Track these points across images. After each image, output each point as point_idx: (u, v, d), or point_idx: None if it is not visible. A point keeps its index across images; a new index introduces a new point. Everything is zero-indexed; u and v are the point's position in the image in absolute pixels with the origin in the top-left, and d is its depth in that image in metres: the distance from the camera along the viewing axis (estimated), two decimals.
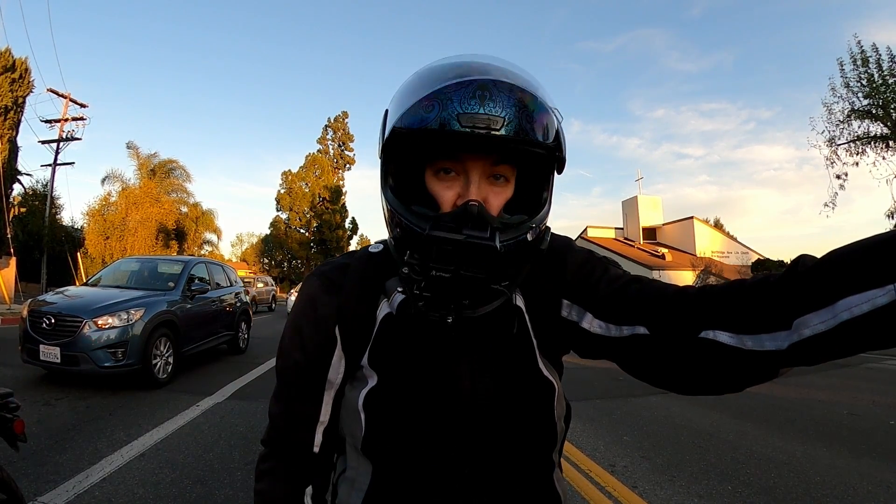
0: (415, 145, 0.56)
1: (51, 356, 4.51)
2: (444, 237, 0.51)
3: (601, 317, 0.58)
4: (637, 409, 4.53)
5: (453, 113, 0.51)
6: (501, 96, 0.52)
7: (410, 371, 0.59)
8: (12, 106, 17.43)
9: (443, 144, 0.55)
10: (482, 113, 0.51)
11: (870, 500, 2.64)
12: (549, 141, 0.54)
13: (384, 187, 0.60)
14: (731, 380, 0.49)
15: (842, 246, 0.42)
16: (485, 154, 0.55)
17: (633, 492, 2.72)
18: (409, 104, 0.54)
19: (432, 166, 0.58)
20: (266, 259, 40.64)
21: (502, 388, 0.59)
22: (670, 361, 0.52)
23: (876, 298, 0.37)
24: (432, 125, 0.52)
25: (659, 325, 0.52)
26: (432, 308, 0.56)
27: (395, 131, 0.55)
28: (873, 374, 6.72)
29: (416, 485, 0.58)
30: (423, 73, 0.58)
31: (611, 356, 0.59)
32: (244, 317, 7.67)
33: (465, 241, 0.51)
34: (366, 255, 0.67)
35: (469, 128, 0.51)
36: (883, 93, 13.04)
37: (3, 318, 10.16)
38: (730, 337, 0.46)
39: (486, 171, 0.57)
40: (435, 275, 0.52)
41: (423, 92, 0.54)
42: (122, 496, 2.47)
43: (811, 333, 0.41)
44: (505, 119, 0.51)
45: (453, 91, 0.52)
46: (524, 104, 0.52)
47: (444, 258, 0.52)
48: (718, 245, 25.82)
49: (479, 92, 0.51)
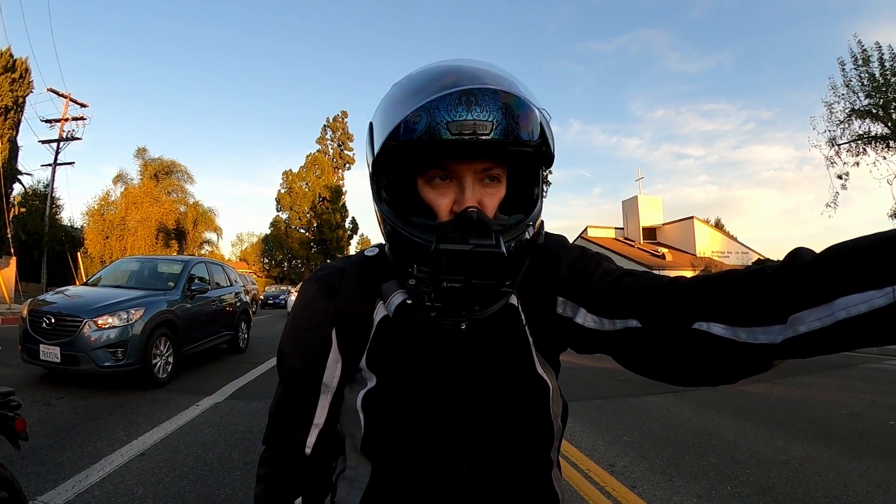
0: (406, 157, 0.57)
1: (51, 356, 4.51)
2: (453, 249, 0.52)
3: (594, 311, 0.59)
4: (636, 409, 4.53)
5: (442, 122, 0.52)
6: (486, 100, 0.52)
7: (408, 372, 0.60)
8: (12, 106, 17.44)
9: (434, 154, 0.55)
10: (469, 119, 0.51)
11: (869, 500, 2.64)
12: (536, 139, 0.55)
13: (378, 201, 0.60)
14: (724, 371, 0.49)
15: (842, 242, 0.41)
16: (477, 158, 0.56)
17: (633, 492, 2.72)
18: (397, 117, 0.55)
19: (424, 175, 0.58)
20: (266, 259, 40.61)
21: (500, 388, 0.60)
22: (664, 353, 0.52)
23: (875, 300, 0.37)
24: (423, 136, 0.52)
25: (651, 318, 0.53)
26: (445, 316, 0.56)
27: (385, 146, 0.56)
28: (873, 374, 6.71)
29: (414, 483, 0.59)
30: (405, 84, 0.58)
31: (605, 350, 0.59)
32: (244, 316, 7.67)
33: (474, 250, 0.51)
34: (362, 259, 0.68)
35: (458, 135, 0.51)
36: (884, 92, 13.02)
37: (3, 317, 10.16)
38: (724, 329, 0.46)
39: (479, 175, 0.57)
40: (446, 286, 0.53)
41: (410, 103, 0.54)
42: (121, 495, 2.47)
43: (807, 330, 0.41)
44: (493, 122, 0.52)
45: (439, 100, 0.52)
46: (509, 106, 0.53)
47: (454, 269, 0.52)
48: (718, 245, 25.80)
49: (465, 98, 0.52)
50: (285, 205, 37.01)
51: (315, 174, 37.07)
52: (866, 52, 13.34)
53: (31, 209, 20.58)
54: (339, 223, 37.07)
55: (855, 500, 2.63)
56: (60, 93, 19.24)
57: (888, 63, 13.03)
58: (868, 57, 13.32)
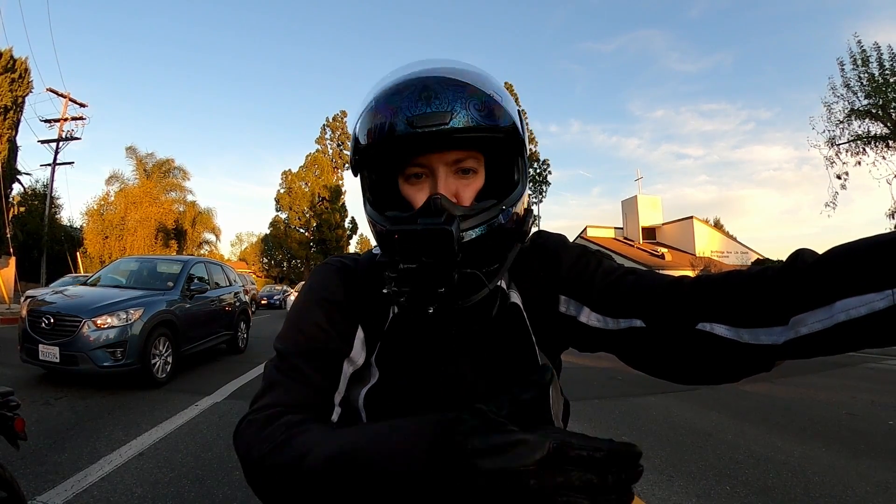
0: (379, 157, 0.59)
1: (50, 356, 4.51)
2: (402, 229, 0.53)
3: (598, 310, 0.59)
4: (635, 409, 4.53)
5: (402, 118, 0.53)
6: (445, 92, 0.53)
7: (413, 369, 0.60)
8: (12, 105, 17.44)
9: (402, 150, 0.56)
10: (430, 111, 0.53)
11: (868, 500, 2.64)
12: (505, 125, 0.56)
13: (364, 202, 0.62)
14: (727, 371, 0.50)
15: (842, 244, 0.42)
16: (445, 149, 0.56)
17: None
18: (363, 119, 0.57)
19: (403, 174, 0.59)
20: (265, 259, 40.60)
21: (503, 387, 0.59)
22: (667, 353, 0.52)
23: (874, 302, 0.37)
24: (386, 134, 0.54)
25: (654, 318, 0.53)
26: (413, 302, 0.56)
27: (356, 149, 0.58)
28: (873, 374, 6.71)
29: None
30: (373, 88, 0.60)
31: (609, 349, 0.59)
32: (243, 316, 7.67)
33: (421, 229, 0.52)
34: (370, 256, 0.68)
35: (422, 127, 0.52)
36: (883, 92, 13.02)
37: (3, 317, 10.15)
38: (727, 330, 0.47)
39: (452, 167, 0.58)
40: (403, 267, 0.54)
41: (373, 104, 0.56)
42: (120, 495, 2.47)
43: (808, 332, 0.41)
44: (452, 112, 0.53)
45: (399, 98, 0.54)
46: (469, 95, 0.54)
47: (406, 250, 0.53)
48: (718, 245, 25.82)
49: (424, 93, 0.53)
50: (284, 205, 37.01)
51: (314, 174, 37.06)
52: (865, 53, 13.36)
53: (30, 209, 20.58)
54: (338, 223, 37.07)
55: (854, 500, 2.63)
56: (60, 93, 19.26)
57: (888, 63, 13.04)
58: (867, 57, 13.33)
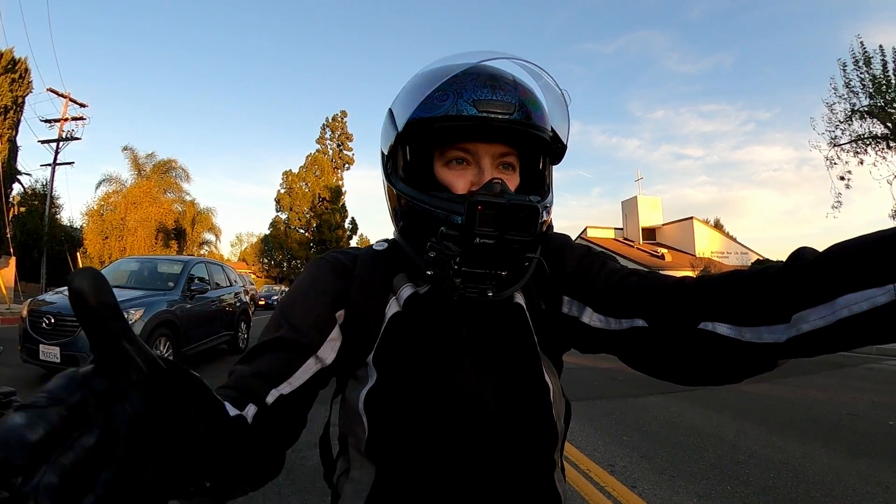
0: (429, 136, 0.57)
1: (50, 356, 4.51)
2: (490, 201, 0.50)
3: (601, 311, 0.59)
4: (636, 409, 4.53)
5: (469, 100, 0.53)
6: (508, 87, 0.54)
7: (415, 371, 0.58)
8: (12, 105, 17.43)
9: (459, 132, 0.56)
10: (495, 99, 0.53)
11: (868, 500, 2.64)
12: (551, 130, 0.57)
13: (394, 179, 0.60)
14: (730, 371, 0.49)
15: (843, 241, 0.42)
16: (496, 141, 0.57)
17: (633, 491, 2.72)
18: (423, 96, 0.56)
19: (442, 157, 0.58)
20: (266, 259, 40.57)
21: (506, 388, 0.59)
22: (670, 353, 0.52)
23: (875, 297, 0.37)
24: (449, 111, 0.54)
25: (657, 318, 0.53)
26: (471, 283, 0.54)
27: (410, 123, 0.56)
28: (873, 374, 6.71)
29: (419, 486, 0.58)
30: (430, 70, 0.59)
31: (611, 349, 0.59)
32: (244, 316, 7.67)
33: (509, 203, 0.50)
34: (371, 252, 0.67)
35: (485, 112, 0.53)
36: (885, 92, 12.99)
37: (3, 317, 10.15)
38: (729, 329, 0.47)
39: (496, 160, 0.58)
40: (479, 242, 0.51)
41: (437, 84, 0.55)
42: None
43: (810, 329, 0.41)
44: (515, 105, 0.53)
45: (466, 81, 0.54)
46: (530, 94, 0.55)
47: (489, 222, 0.50)
48: (718, 245, 25.80)
49: (490, 81, 0.54)
50: (285, 205, 36.96)
51: (315, 174, 37.01)
52: (867, 54, 13.33)
53: (30, 209, 20.55)
54: (338, 223, 37.02)
55: (854, 501, 2.63)
56: (60, 93, 19.22)
57: (890, 64, 13.01)
58: (869, 58, 13.30)
